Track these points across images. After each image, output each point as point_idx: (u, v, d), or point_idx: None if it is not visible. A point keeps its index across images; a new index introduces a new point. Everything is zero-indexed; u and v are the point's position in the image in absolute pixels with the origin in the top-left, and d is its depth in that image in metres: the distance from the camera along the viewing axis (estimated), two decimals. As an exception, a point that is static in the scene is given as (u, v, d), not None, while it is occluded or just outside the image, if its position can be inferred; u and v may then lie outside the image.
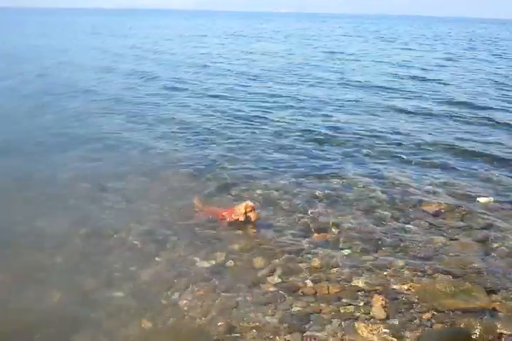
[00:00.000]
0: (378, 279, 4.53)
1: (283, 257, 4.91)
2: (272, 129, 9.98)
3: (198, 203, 5.96)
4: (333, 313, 4.05)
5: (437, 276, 4.57)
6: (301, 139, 9.26)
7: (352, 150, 8.62)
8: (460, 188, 6.83)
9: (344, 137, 9.39)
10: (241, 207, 5.40)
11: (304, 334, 3.81)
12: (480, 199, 6.41)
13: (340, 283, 4.46)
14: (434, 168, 7.66)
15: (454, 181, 7.11)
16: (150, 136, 9.37)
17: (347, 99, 13.23)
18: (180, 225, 5.61)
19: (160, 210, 6.00)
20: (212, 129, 9.95)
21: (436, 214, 5.97)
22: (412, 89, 14.93)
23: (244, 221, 5.44)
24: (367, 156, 8.28)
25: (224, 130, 9.90)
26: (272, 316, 4.02)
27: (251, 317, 4.00)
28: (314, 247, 5.14)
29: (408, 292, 4.33)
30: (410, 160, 8.08)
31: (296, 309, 4.11)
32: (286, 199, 6.38)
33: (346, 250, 5.11)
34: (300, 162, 7.90)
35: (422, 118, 11.11)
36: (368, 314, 4.03)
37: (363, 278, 4.55)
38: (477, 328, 3.78)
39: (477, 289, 4.26)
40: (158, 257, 4.94)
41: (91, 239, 5.30)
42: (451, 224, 5.71)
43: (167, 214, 5.91)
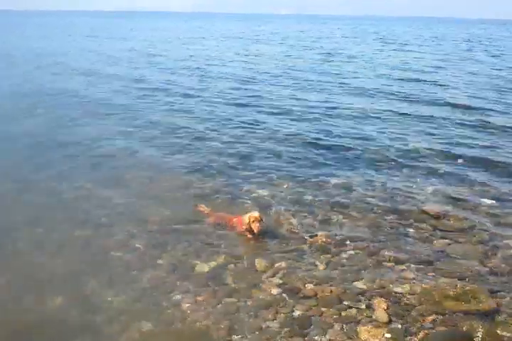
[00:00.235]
0: (380, 282, 4.52)
1: (284, 260, 4.90)
2: (267, 133, 9.88)
3: (203, 209, 5.94)
4: (334, 317, 4.03)
5: (440, 279, 4.56)
6: (297, 144, 9.16)
7: (349, 154, 8.56)
8: (459, 191, 6.82)
9: (340, 142, 9.28)
10: (245, 217, 5.34)
11: (305, 338, 3.78)
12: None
13: (342, 287, 4.44)
14: (433, 172, 7.62)
15: (453, 184, 7.10)
16: (148, 141, 9.32)
17: (341, 103, 13.12)
18: (181, 228, 5.59)
19: (161, 214, 5.97)
20: (206, 133, 9.89)
21: (437, 217, 5.96)
22: (409, 92, 14.79)
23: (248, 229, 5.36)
24: (364, 161, 8.22)
25: (213, 133, 9.84)
26: (273, 321, 3.99)
27: (252, 321, 3.98)
28: (315, 251, 5.13)
29: (410, 295, 4.31)
30: (408, 164, 8.01)
31: (297, 313, 4.09)
32: (284, 203, 6.35)
33: (347, 253, 5.09)
34: (296, 167, 7.84)
35: (419, 121, 11.03)
36: (371, 317, 4.01)
37: (365, 281, 4.53)
38: (480, 331, 3.77)
39: (480, 291, 4.25)
40: (159, 260, 4.92)
41: (92, 242, 5.29)
42: (452, 227, 5.69)
43: (168, 217, 5.88)
